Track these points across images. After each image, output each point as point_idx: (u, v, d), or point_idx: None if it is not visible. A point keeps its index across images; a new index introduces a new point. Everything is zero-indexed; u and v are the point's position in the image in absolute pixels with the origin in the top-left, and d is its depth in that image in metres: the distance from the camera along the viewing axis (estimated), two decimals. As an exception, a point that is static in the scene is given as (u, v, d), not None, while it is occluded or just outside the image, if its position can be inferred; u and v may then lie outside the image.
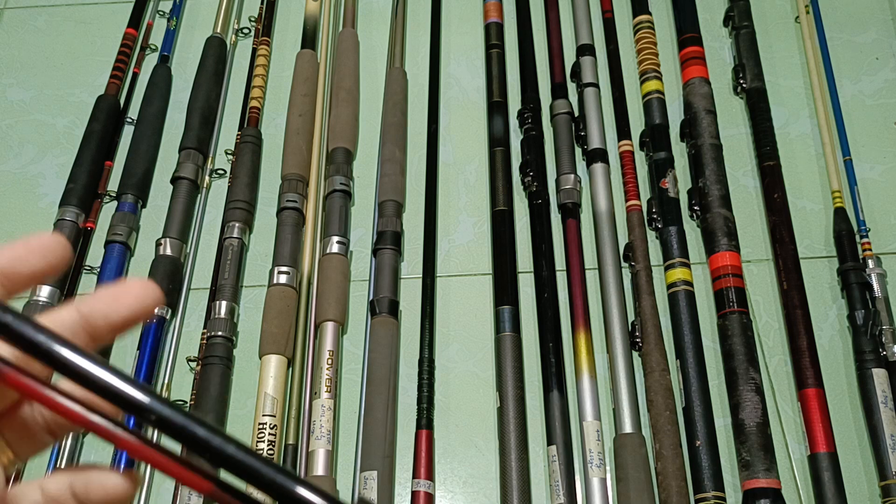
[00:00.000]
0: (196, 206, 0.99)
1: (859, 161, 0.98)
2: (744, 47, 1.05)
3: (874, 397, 0.81)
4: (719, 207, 0.92)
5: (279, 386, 0.85)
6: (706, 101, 1.00)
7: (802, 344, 0.84)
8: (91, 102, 1.07)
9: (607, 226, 0.93)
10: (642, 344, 0.85)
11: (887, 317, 0.84)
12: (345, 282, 0.92)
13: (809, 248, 0.93)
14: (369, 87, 1.09)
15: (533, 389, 0.85)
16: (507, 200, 0.97)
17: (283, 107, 1.06)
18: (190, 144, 1.02)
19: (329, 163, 1.00)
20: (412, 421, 0.84)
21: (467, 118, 1.07)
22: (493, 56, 1.09)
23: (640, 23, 1.09)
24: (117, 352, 0.91)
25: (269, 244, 0.96)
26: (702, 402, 0.81)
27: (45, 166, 1.07)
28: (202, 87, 1.08)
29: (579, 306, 0.88)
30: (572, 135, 1.01)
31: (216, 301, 0.90)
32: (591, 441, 0.80)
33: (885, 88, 1.05)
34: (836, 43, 1.08)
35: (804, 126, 1.03)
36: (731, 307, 0.86)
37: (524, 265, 0.93)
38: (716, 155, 0.96)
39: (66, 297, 0.93)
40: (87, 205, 0.99)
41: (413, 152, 1.03)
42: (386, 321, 0.88)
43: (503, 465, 0.80)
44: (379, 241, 0.94)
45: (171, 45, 1.15)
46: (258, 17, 1.17)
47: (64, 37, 1.20)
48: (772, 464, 0.77)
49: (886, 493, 0.77)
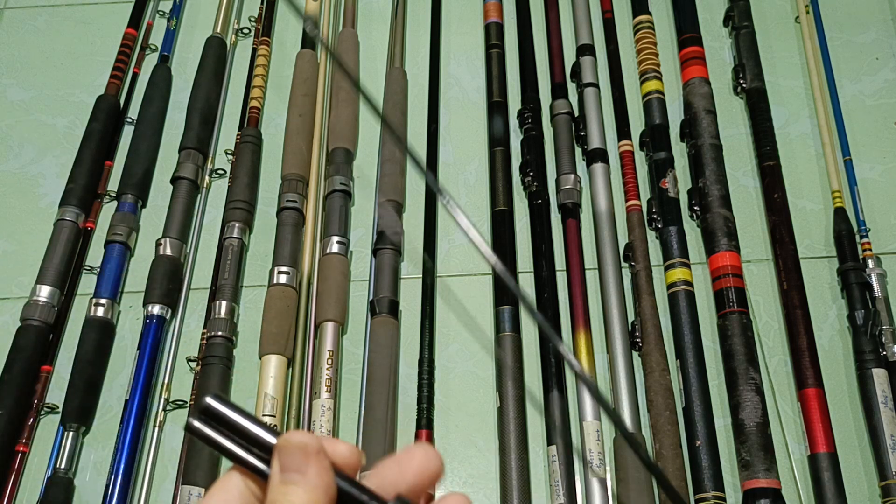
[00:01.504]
0: (196, 206, 0.99)
1: (859, 161, 0.98)
2: (744, 47, 1.05)
3: (874, 397, 0.81)
4: (719, 207, 0.92)
5: (279, 386, 0.85)
6: (706, 101, 1.00)
7: (802, 344, 0.84)
8: (91, 102, 1.07)
9: (607, 226, 0.93)
10: (642, 344, 0.85)
11: (887, 317, 0.84)
12: (345, 282, 0.92)
13: (809, 248, 0.93)
14: (369, 87, 1.09)
15: (533, 389, 0.85)
16: (507, 200, 0.97)
17: (283, 107, 1.06)
18: (190, 144, 1.02)
19: (329, 163, 1.00)
20: (412, 421, 0.84)
21: (467, 118, 1.07)
22: (493, 56, 1.09)
23: (640, 23, 1.09)
24: (117, 352, 0.91)
25: (269, 244, 0.96)
26: (702, 402, 0.81)
27: (45, 166, 1.07)
28: (202, 87, 1.08)
29: (579, 306, 0.88)
30: (572, 135, 1.01)
31: (216, 301, 0.90)
32: (591, 441, 0.80)
33: (885, 88, 1.05)
34: (836, 43, 1.08)
35: (804, 126, 1.03)
36: (731, 307, 0.86)
37: (524, 265, 0.93)
38: (716, 155, 0.96)
39: (66, 296, 0.93)
40: (87, 205, 0.99)
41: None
42: (386, 321, 0.88)
43: (503, 465, 0.80)
44: (379, 241, 0.94)
45: (171, 45, 1.15)
46: (258, 17, 1.17)
47: (64, 37, 1.20)
48: (772, 464, 0.77)
49: (886, 493, 0.77)
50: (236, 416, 0.28)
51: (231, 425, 0.28)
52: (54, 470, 0.82)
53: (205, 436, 0.28)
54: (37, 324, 0.89)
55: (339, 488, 0.28)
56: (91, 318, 0.90)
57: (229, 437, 0.28)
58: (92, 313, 0.90)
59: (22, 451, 0.83)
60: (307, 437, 0.27)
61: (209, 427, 0.28)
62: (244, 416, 0.28)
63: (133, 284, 0.95)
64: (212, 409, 0.28)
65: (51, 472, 0.82)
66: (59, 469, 0.82)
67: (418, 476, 0.29)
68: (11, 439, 0.83)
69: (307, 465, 0.27)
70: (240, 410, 0.28)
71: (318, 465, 0.27)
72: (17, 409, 0.84)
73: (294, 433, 0.28)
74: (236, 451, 0.28)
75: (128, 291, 0.95)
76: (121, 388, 0.88)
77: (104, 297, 0.91)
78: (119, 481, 0.81)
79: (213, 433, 0.28)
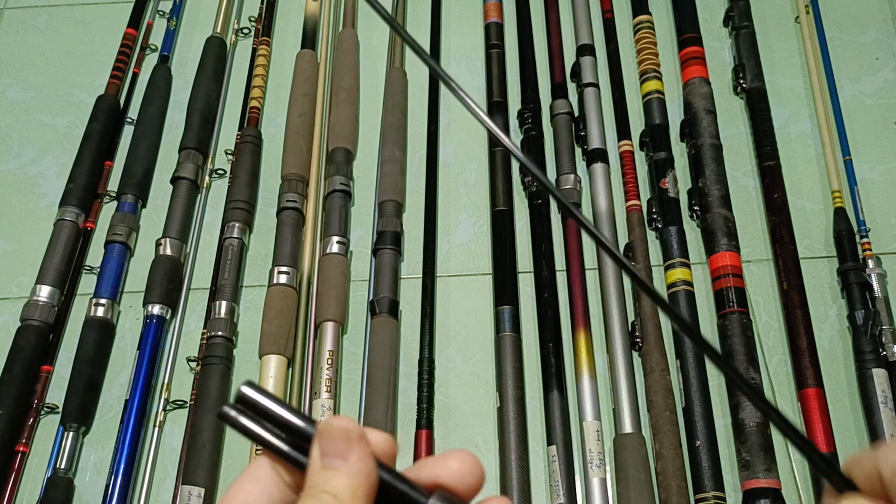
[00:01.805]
0: (196, 206, 1.00)
1: (859, 161, 0.98)
2: (744, 47, 1.05)
3: (874, 397, 0.81)
4: (719, 207, 0.92)
5: (279, 386, 0.85)
6: (706, 101, 1.00)
7: (802, 344, 0.84)
8: (91, 102, 1.07)
9: (607, 226, 0.93)
10: (642, 344, 0.85)
11: (887, 317, 0.84)
12: (345, 282, 0.92)
13: (809, 248, 0.93)
14: (369, 87, 1.09)
15: (533, 389, 0.85)
16: (507, 200, 0.97)
17: (283, 107, 1.06)
18: (190, 144, 1.02)
19: (329, 163, 1.00)
20: (412, 421, 0.84)
21: (467, 118, 1.07)
22: (493, 56, 1.09)
23: (640, 23, 1.09)
24: (117, 352, 0.91)
25: (269, 244, 0.96)
26: (702, 402, 0.81)
27: (45, 166, 1.07)
28: (202, 87, 1.08)
29: (579, 306, 0.88)
30: (572, 135, 1.01)
31: (216, 301, 0.90)
32: (591, 441, 0.80)
33: (885, 88, 1.05)
34: (836, 43, 1.08)
35: (804, 126, 1.03)
36: (731, 307, 0.86)
37: (524, 265, 0.93)
38: (716, 155, 0.96)
39: (66, 296, 0.93)
40: (87, 205, 0.99)
41: (413, 152, 1.03)
42: (386, 321, 0.88)
43: (503, 465, 0.80)
44: (379, 241, 0.94)
45: (171, 45, 1.15)
46: (258, 17, 1.17)
47: (64, 37, 1.20)
48: (772, 464, 0.77)
49: (886, 493, 0.77)
50: (271, 403, 0.28)
51: (265, 413, 0.28)
52: (54, 470, 0.82)
53: (238, 423, 0.28)
54: (37, 324, 0.89)
55: (378, 477, 0.27)
56: (91, 318, 0.90)
57: (262, 425, 0.28)
58: (92, 313, 0.90)
59: (22, 451, 0.83)
60: (350, 423, 0.27)
61: (242, 415, 0.28)
62: (278, 403, 0.28)
63: (133, 284, 0.95)
64: (246, 397, 0.28)
65: (51, 472, 0.82)
66: (59, 469, 0.82)
67: (454, 479, 0.28)
68: (11, 439, 0.83)
69: (349, 451, 0.27)
70: (274, 398, 0.28)
71: (361, 451, 0.27)
72: (17, 409, 0.84)
73: (336, 418, 0.27)
74: (269, 439, 0.28)
75: (128, 291, 0.95)
76: (121, 388, 0.88)
77: (104, 297, 0.91)
78: (119, 481, 0.81)
79: (246, 421, 0.28)
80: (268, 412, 0.28)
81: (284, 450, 0.28)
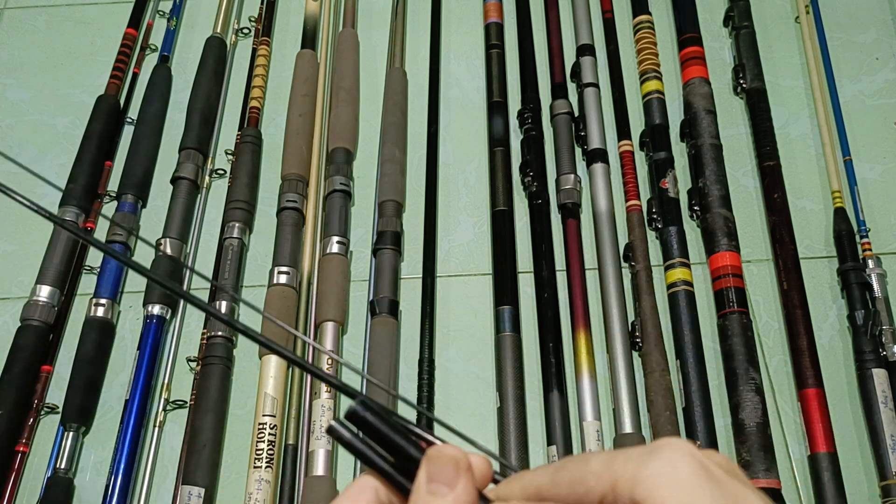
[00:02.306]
0: (196, 206, 0.99)
1: (859, 161, 0.98)
2: (744, 47, 1.05)
3: (874, 397, 0.81)
4: (719, 207, 0.92)
5: (279, 386, 0.85)
6: (706, 101, 1.00)
7: (802, 344, 0.84)
8: (91, 102, 1.07)
9: (607, 226, 0.93)
10: (642, 344, 0.85)
11: (887, 317, 0.84)
12: (345, 282, 0.92)
13: (809, 248, 0.93)
14: (369, 87, 1.09)
15: (533, 389, 0.85)
16: (507, 200, 0.97)
17: (283, 107, 1.06)
18: (190, 144, 1.02)
19: (329, 163, 1.00)
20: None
21: (467, 118, 1.07)
22: (493, 56, 1.09)
23: (640, 23, 1.09)
24: (117, 352, 0.91)
25: (269, 244, 0.96)
26: (702, 402, 0.81)
27: (45, 166, 1.07)
28: (202, 87, 1.08)
29: (579, 306, 0.88)
30: (572, 135, 1.01)
31: (216, 301, 0.90)
32: (591, 441, 0.80)
33: (885, 88, 1.05)
34: (836, 43, 1.08)
35: (804, 126, 1.03)
36: (731, 307, 0.86)
37: (524, 265, 0.93)
38: (716, 155, 0.96)
39: (66, 296, 0.93)
40: (87, 205, 0.99)
41: (413, 152, 1.03)
42: (386, 321, 0.88)
43: (503, 465, 0.80)
44: (379, 241, 0.94)
45: (171, 45, 1.15)
46: (258, 17, 1.17)
47: (64, 37, 1.20)
48: (772, 464, 0.77)
49: (886, 493, 0.77)
50: (380, 424, 0.28)
51: (373, 431, 0.28)
52: (54, 470, 0.82)
53: (345, 440, 0.28)
54: (37, 324, 0.89)
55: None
56: (91, 318, 0.90)
57: (368, 444, 0.28)
58: (92, 313, 0.90)
59: (22, 451, 0.83)
60: (459, 452, 0.28)
61: (350, 432, 0.28)
62: (387, 424, 0.28)
63: (133, 284, 0.95)
64: (357, 415, 0.28)
65: (51, 472, 0.82)
66: (59, 469, 0.82)
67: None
68: (11, 439, 0.83)
69: (457, 479, 0.27)
70: (383, 418, 0.28)
71: (467, 481, 0.27)
72: (17, 409, 0.84)
73: (446, 446, 0.28)
74: (375, 460, 0.28)
75: (128, 291, 0.95)
76: (121, 388, 0.88)
77: (104, 297, 0.91)
78: (119, 481, 0.81)
79: (353, 438, 0.28)
80: (376, 431, 0.28)
81: (389, 471, 0.28)
